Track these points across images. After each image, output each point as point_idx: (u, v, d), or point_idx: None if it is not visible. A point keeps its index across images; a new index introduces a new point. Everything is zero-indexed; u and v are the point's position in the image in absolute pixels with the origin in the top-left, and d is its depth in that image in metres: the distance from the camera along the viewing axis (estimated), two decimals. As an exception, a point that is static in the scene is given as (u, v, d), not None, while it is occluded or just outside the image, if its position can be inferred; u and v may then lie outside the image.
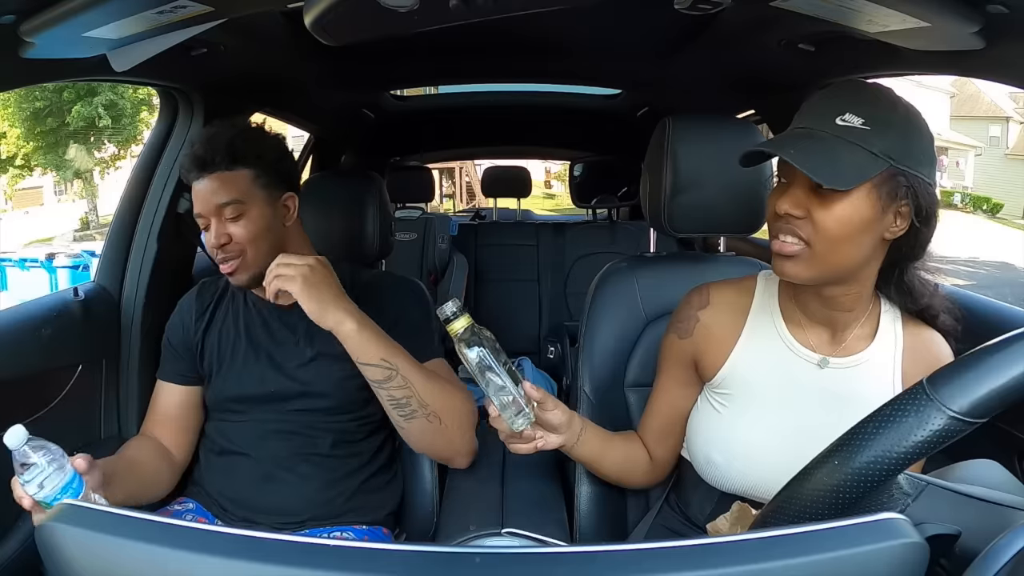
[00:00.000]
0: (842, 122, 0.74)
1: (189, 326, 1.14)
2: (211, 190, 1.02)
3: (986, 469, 0.55)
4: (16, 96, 12.50)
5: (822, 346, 0.87)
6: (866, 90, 0.78)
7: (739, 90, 1.63)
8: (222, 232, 1.02)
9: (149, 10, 0.75)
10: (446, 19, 0.74)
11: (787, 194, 0.78)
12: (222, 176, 1.02)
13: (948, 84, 19.02)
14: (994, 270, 11.00)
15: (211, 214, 1.03)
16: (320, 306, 0.95)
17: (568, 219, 3.34)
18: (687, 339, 0.93)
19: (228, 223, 1.03)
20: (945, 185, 20.00)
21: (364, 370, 0.98)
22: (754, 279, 0.94)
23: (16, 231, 13.56)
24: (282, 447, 1.07)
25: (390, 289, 1.14)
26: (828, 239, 0.76)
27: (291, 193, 1.09)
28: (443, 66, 1.86)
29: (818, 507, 0.49)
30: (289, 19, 1.21)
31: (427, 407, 0.99)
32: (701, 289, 0.95)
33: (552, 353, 2.39)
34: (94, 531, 0.42)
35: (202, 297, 1.16)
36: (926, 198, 0.76)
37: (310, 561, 0.41)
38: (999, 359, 0.47)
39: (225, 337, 1.12)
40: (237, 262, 1.03)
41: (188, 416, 1.13)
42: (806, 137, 0.76)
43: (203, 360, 1.12)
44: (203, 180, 1.03)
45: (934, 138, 0.80)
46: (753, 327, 0.90)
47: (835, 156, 0.73)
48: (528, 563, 0.43)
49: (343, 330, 0.96)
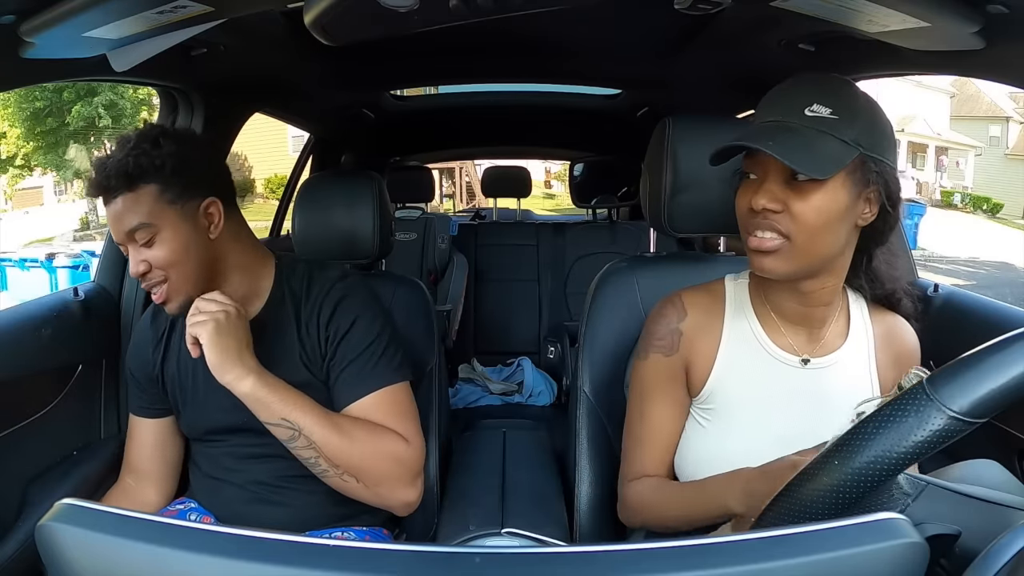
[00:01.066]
0: (811, 113, 0.75)
1: (147, 357, 1.07)
2: (116, 216, 0.93)
3: (986, 469, 0.55)
4: (16, 96, 12.51)
5: (801, 346, 0.86)
6: (828, 81, 0.79)
7: (739, 90, 1.62)
8: (138, 260, 0.93)
9: (149, 10, 0.75)
10: (446, 19, 0.74)
11: (762, 189, 0.77)
12: (125, 199, 0.92)
13: (948, 84, 19.02)
14: (994, 270, 10.99)
15: (124, 241, 0.94)
16: (221, 359, 0.89)
17: (568, 219, 3.34)
18: (673, 355, 0.88)
19: (143, 249, 0.93)
20: (945, 185, 20.01)
21: (268, 428, 0.92)
22: (721, 282, 0.92)
23: (16, 231, 13.55)
24: (264, 472, 1.01)
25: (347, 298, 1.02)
26: (808, 230, 0.76)
27: (211, 198, 0.97)
28: (443, 66, 1.86)
29: (818, 507, 0.49)
30: (289, 19, 1.21)
31: (338, 467, 0.93)
32: (673, 300, 0.91)
33: (552, 353, 2.39)
34: (94, 531, 0.42)
35: (156, 323, 1.08)
36: (894, 183, 0.78)
37: (310, 561, 0.41)
38: (999, 359, 0.47)
39: (184, 366, 1.04)
40: (164, 288, 0.94)
41: (167, 447, 1.09)
42: (779, 129, 0.76)
43: (167, 392, 1.06)
44: (109, 206, 0.94)
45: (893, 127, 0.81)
46: (730, 334, 0.88)
47: (811, 146, 0.74)
48: (528, 563, 0.43)
49: (240, 388, 0.90)
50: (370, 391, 0.98)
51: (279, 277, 1.03)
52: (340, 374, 0.99)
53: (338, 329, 0.99)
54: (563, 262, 2.68)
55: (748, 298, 0.89)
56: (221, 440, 1.03)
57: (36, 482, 1.12)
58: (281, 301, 1.02)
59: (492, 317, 2.68)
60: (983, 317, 1.13)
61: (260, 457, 1.01)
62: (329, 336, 0.99)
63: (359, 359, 0.98)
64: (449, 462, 1.30)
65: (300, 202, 1.27)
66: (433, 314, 1.25)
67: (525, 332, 2.65)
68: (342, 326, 0.99)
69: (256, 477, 1.02)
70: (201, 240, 0.96)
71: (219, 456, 1.04)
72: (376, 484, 0.95)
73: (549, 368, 2.38)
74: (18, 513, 1.09)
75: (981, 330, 0.99)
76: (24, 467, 1.12)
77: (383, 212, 1.26)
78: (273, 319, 1.01)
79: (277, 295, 1.02)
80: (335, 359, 0.99)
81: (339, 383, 0.99)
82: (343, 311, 1.00)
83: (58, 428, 1.18)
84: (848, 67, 1.16)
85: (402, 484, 0.97)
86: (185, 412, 1.05)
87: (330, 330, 0.99)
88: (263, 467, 1.01)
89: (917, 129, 18.15)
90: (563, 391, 2.17)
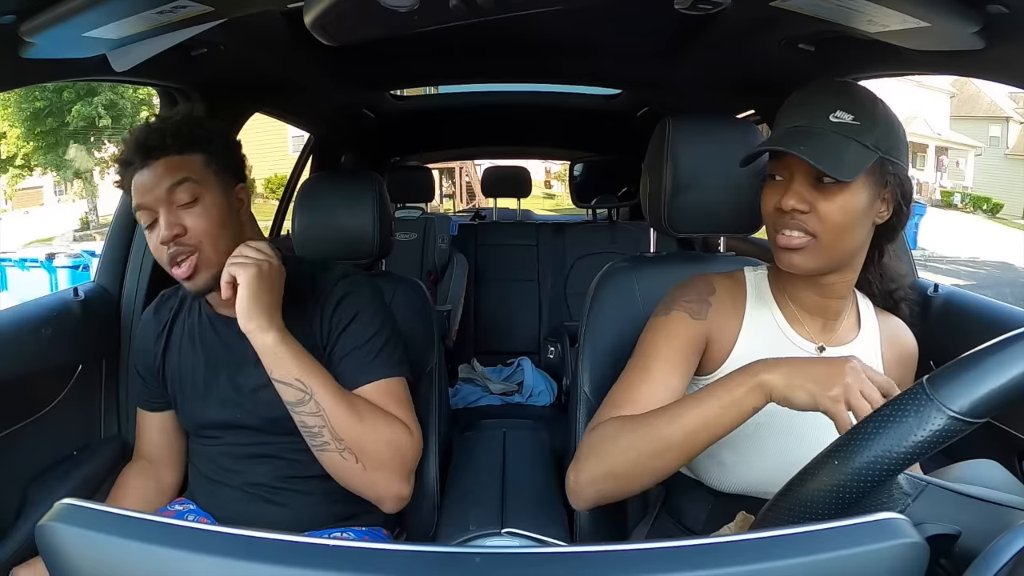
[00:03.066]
0: (835, 119, 0.79)
1: (150, 349, 1.08)
2: (159, 175, 0.92)
3: (986, 469, 0.55)
4: (16, 96, 12.51)
5: (816, 335, 0.90)
6: (848, 89, 0.83)
7: (739, 90, 1.63)
8: (174, 222, 0.92)
9: (149, 10, 0.75)
10: (446, 19, 0.74)
11: (791, 191, 0.81)
12: (170, 161, 0.92)
13: (948, 84, 19.03)
14: (994, 270, 11.00)
15: (159, 202, 0.92)
16: (252, 304, 0.89)
17: (568, 219, 3.34)
18: (701, 321, 0.88)
19: (181, 211, 0.92)
20: (945, 185, 20.01)
21: (278, 388, 0.91)
22: (741, 272, 0.95)
23: (16, 231, 13.56)
24: (263, 473, 1.01)
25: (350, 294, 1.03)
26: (834, 229, 0.80)
27: (242, 184, 1.01)
28: (443, 66, 1.86)
29: (818, 507, 0.49)
30: (289, 19, 1.21)
31: (341, 441, 0.91)
32: (705, 277, 0.93)
33: (552, 353, 2.39)
34: (94, 531, 0.42)
35: (159, 313, 1.09)
36: (907, 183, 0.83)
37: (310, 561, 0.41)
38: (999, 359, 0.47)
39: (184, 358, 1.05)
40: (193, 259, 0.93)
41: (172, 439, 1.11)
42: (807, 134, 0.79)
43: (167, 385, 1.07)
44: (147, 168, 0.92)
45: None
46: (751, 319, 0.91)
47: (837, 151, 0.78)
48: (528, 563, 0.43)
49: (262, 339, 0.89)
50: (369, 380, 0.98)
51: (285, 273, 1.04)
52: (340, 363, 0.99)
53: (340, 321, 1.00)
54: (563, 262, 2.68)
55: (768, 288, 0.93)
56: (217, 437, 1.04)
57: (36, 482, 1.12)
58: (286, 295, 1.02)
59: (492, 317, 2.68)
60: (983, 317, 1.13)
61: (257, 457, 1.01)
62: (331, 328, 1.00)
63: (359, 350, 0.99)
64: (449, 462, 1.30)
65: (300, 202, 1.27)
66: (433, 314, 1.25)
67: (525, 332, 2.65)
68: (344, 318, 1.00)
69: (254, 478, 1.01)
70: (234, 218, 0.98)
71: (217, 456, 1.04)
72: (374, 468, 0.93)
73: (549, 368, 2.38)
74: (18, 513, 1.09)
75: (981, 330, 0.99)
76: (24, 467, 1.12)
77: (383, 212, 1.26)
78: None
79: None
80: (335, 349, 1.00)
81: (340, 371, 0.98)
82: (346, 305, 1.01)
83: (58, 428, 1.18)
84: (848, 67, 1.16)
85: (398, 475, 0.96)
86: (183, 405, 1.06)
87: (332, 322, 1.00)
88: (261, 468, 1.01)
89: (917, 129, 18.15)
90: (563, 391, 2.17)
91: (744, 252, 1.20)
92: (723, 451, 0.89)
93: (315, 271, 1.05)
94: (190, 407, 1.05)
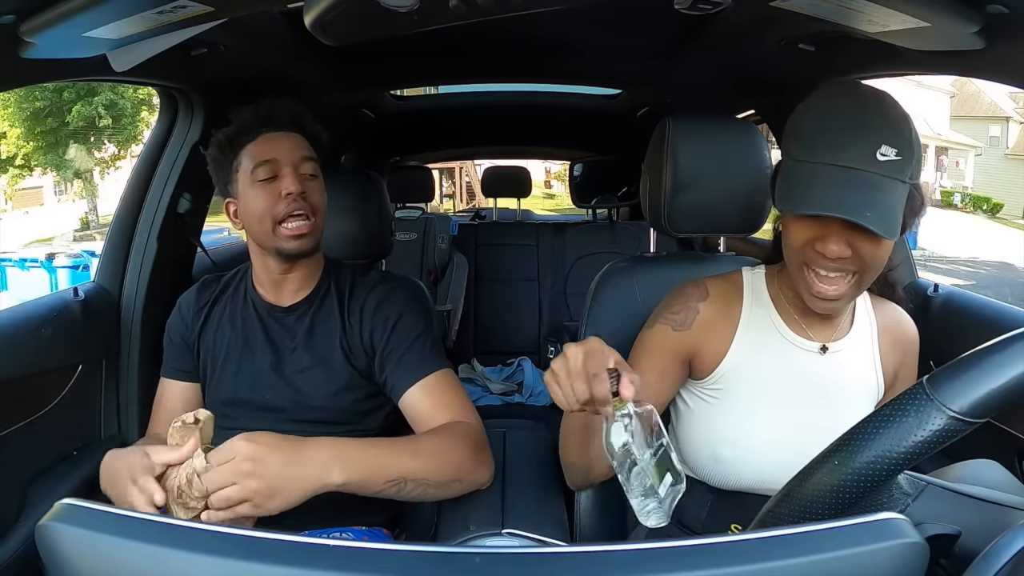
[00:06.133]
0: (883, 157, 0.75)
1: (188, 323, 1.12)
2: (294, 143, 1.03)
3: (986, 469, 0.55)
4: (16, 96, 12.50)
5: (816, 334, 0.91)
6: (891, 114, 0.77)
7: (739, 90, 1.63)
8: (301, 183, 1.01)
9: (149, 10, 0.75)
10: (446, 19, 0.74)
11: (832, 237, 0.78)
12: (298, 137, 1.04)
13: (948, 84, 19.01)
14: (994, 270, 11.00)
15: (289, 163, 1.01)
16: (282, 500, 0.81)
17: (568, 219, 3.34)
18: (684, 331, 0.91)
19: (305, 180, 1.02)
20: (945, 185, 20.01)
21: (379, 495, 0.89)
22: (739, 273, 0.95)
23: (16, 231, 13.56)
24: None
25: (391, 294, 1.08)
26: (875, 267, 0.81)
27: None
28: (443, 66, 1.86)
29: (818, 507, 0.49)
30: (289, 19, 1.21)
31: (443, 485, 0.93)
32: (697, 282, 0.94)
33: (552, 353, 2.39)
34: (94, 531, 0.42)
35: (201, 295, 1.13)
36: (920, 195, 0.82)
37: (310, 561, 0.41)
38: (999, 359, 0.47)
39: (220, 337, 1.09)
40: (311, 223, 1.01)
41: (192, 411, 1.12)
42: (860, 183, 0.75)
43: (199, 359, 1.10)
44: (283, 134, 1.03)
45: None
46: (748, 321, 0.91)
47: (889, 202, 0.75)
48: (528, 563, 0.43)
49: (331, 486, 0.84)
50: (427, 373, 1.02)
51: (327, 271, 1.10)
52: (399, 360, 1.03)
53: (387, 319, 1.04)
54: (563, 262, 2.68)
55: (765, 288, 0.93)
56: (235, 418, 1.04)
57: (36, 482, 1.12)
58: (327, 291, 1.08)
59: (492, 317, 2.68)
60: (983, 317, 1.13)
61: None
62: (375, 326, 1.04)
63: (413, 346, 1.03)
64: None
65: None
66: (433, 314, 1.25)
67: (525, 332, 2.65)
68: (391, 317, 1.04)
69: None
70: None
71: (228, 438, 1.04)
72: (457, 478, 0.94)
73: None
74: (18, 513, 1.09)
75: (981, 330, 1.00)
76: (24, 467, 1.12)
77: (383, 212, 1.26)
78: (319, 302, 1.07)
79: (323, 286, 1.09)
80: (388, 347, 1.03)
81: (399, 368, 1.02)
82: (389, 305, 1.05)
83: (58, 428, 1.18)
84: (848, 67, 1.16)
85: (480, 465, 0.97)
86: (212, 380, 1.09)
87: (376, 320, 1.04)
88: None
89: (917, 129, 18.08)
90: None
91: (744, 252, 1.20)
92: (721, 448, 0.89)
93: (355, 272, 1.11)
94: (219, 380, 1.08)
